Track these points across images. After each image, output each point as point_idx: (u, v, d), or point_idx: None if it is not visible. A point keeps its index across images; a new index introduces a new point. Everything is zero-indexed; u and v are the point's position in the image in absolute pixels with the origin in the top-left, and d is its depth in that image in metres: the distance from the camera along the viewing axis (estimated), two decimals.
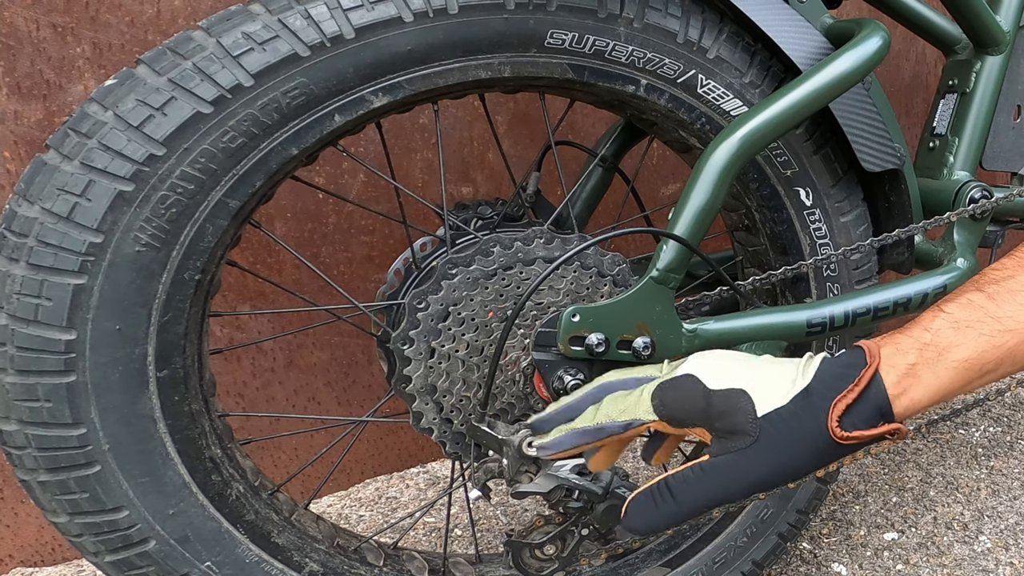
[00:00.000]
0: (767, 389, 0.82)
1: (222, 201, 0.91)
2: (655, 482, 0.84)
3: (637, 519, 0.85)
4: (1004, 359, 0.79)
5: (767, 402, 0.81)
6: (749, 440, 0.80)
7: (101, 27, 1.33)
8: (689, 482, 0.82)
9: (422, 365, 1.00)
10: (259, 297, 1.57)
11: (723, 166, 0.96)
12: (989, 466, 1.74)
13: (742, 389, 0.82)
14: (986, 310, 0.79)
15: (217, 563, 0.99)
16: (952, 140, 1.28)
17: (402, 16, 0.92)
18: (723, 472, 0.81)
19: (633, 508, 0.85)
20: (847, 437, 0.78)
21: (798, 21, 1.07)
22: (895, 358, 0.79)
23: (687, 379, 0.85)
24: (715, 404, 0.82)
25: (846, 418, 0.78)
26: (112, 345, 0.89)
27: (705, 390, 0.83)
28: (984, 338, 0.78)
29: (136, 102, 0.87)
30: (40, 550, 1.56)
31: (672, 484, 0.83)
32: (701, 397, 0.83)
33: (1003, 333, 0.78)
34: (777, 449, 0.80)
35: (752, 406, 0.81)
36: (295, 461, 1.71)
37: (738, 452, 0.80)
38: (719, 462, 0.82)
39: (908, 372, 0.78)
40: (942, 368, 0.78)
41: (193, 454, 0.97)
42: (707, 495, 0.82)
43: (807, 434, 0.79)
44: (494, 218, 1.21)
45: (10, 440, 0.90)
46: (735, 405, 0.81)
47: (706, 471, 0.82)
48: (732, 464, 0.81)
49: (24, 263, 0.85)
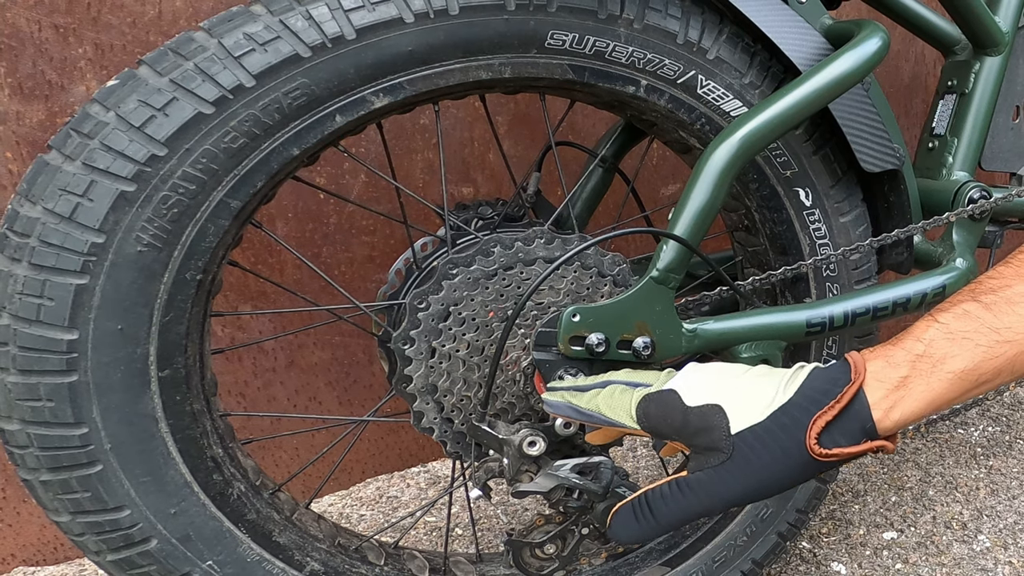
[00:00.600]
0: (744, 405, 0.81)
1: (223, 201, 0.91)
2: (637, 495, 0.86)
3: (620, 531, 0.87)
4: (1002, 369, 0.78)
5: (743, 419, 0.80)
6: (723, 457, 0.80)
7: (103, 28, 1.33)
8: (666, 498, 0.84)
9: (423, 365, 1.00)
10: (260, 297, 1.57)
11: (723, 166, 0.97)
12: (988, 465, 1.74)
13: (718, 405, 0.82)
14: (983, 321, 0.78)
15: (219, 562, 1.00)
16: (951, 140, 1.28)
17: (403, 17, 0.92)
18: (698, 489, 0.82)
19: (616, 520, 0.87)
20: (826, 454, 0.77)
21: (798, 22, 1.07)
22: (885, 371, 0.78)
23: (669, 394, 0.85)
24: (691, 421, 0.82)
25: (826, 434, 0.77)
26: (114, 345, 0.89)
27: (683, 407, 0.83)
28: (980, 349, 0.77)
29: (138, 103, 0.87)
30: (42, 549, 1.56)
31: (651, 499, 0.84)
32: (679, 413, 0.83)
33: (1001, 344, 0.77)
34: (751, 466, 0.79)
35: (726, 423, 0.81)
36: (296, 460, 1.71)
37: (712, 469, 0.81)
38: (694, 479, 0.82)
39: (899, 385, 0.77)
40: (935, 379, 0.77)
41: (195, 453, 0.98)
42: (683, 510, 0.83)
43: (783, 451, 0.78)
44: (495, 218, 1.21)
45: (12, 439, 0.90)
46: (709, 423, 0.81)
47: (682, 487, 0.83)
48: (707, 481, 0.81)
49: (26, 263, 0.86)
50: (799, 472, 0.79)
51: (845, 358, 0.81)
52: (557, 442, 0.99)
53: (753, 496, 0.81)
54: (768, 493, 0.81)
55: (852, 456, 0.78)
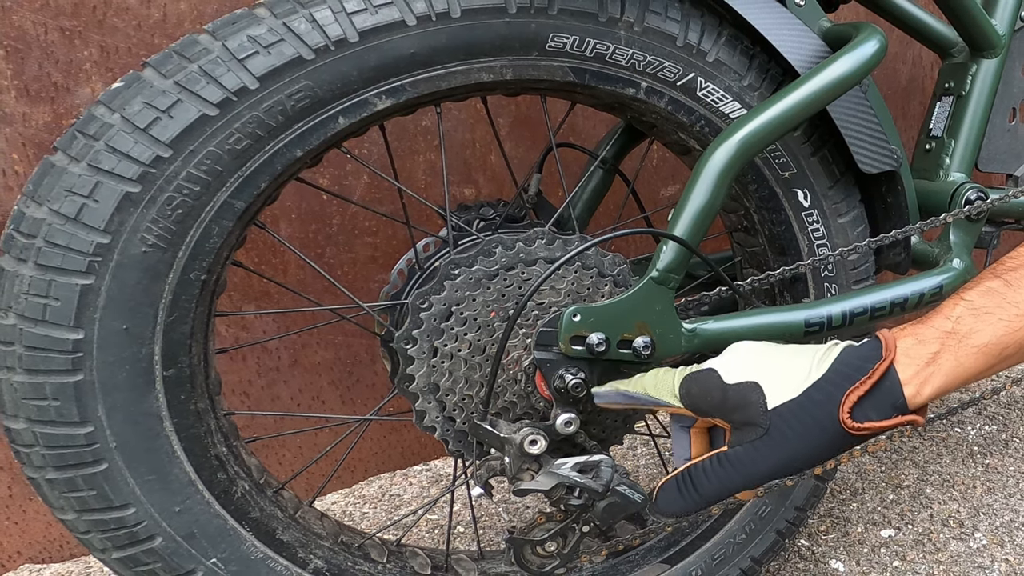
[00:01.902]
0: (781, 381, 0.85)
1: (228, 202, 0.91)
2: (681, 470, 0.89)
3: (666, 504, 0.90)
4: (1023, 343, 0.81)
5: (780, 394, 0.84)
6: (760, 432, 0.83)
7: (108, 31, 1.33)
8: (707, 472, 0.87)
9: (425, 364, 1.00)
10: (264, 297, 1.57)
11: (722, 168, 0.97)
12: (985, 464, 1.74)
13: (754, 383, 0.85)
14: (1004, 296, 0.81)
15: (223, 559, 1.00)
16: (948, 142, 1.28)
17: (405, 20, 0.92)
18: (738, 463, 0.85)
19: (662, 494, 0.91)
20: (859, 428, 0.80)
21: (796, 25, 1.07)
22: (916, 349, 0.81)
23: (709, 373, 0.88)
24: (730, 398, 0.86)
25: (858, 409, 0.81)
26: (119, 344, 0.90)
27: (722, 384, 0.87)
28: (1003, 323, 0.80)
29: (143, 104, 0.87)
30: (48, 547, 1.57)
31: (694, 473, 0.88)
32: (719, 391, 0.86)
33: (1021, 317, 0.80)
34: (787, 440, 0.83)
35: (763, 399, 0.84)
36: (300, 459, 1.71)
37: (751, 443, 0.84)
38: (734, 453, 0.85)
39: (929, 361, 0.81)
40: (963, 354, 0.80)
41: (199, 452, 0.98)
42: (725, 484, 0.86)
43: (817, 424, 0.82)
44: (496, 219, 1.21)
45: (18, 438, 0.90)
46: (747, 399, 0.85)
47: (722, 462, 0.86)
48: (746, 455, 0.85)
49: (32, 263, 0.86)
50: (833, 445, 0.83)
51: (877, 335, 0.84)
52: (558, 441, 1.00)
53: (789, 469, 0.84)
54: (803, 466, 0.85)
55: (883, 430, 0.81)
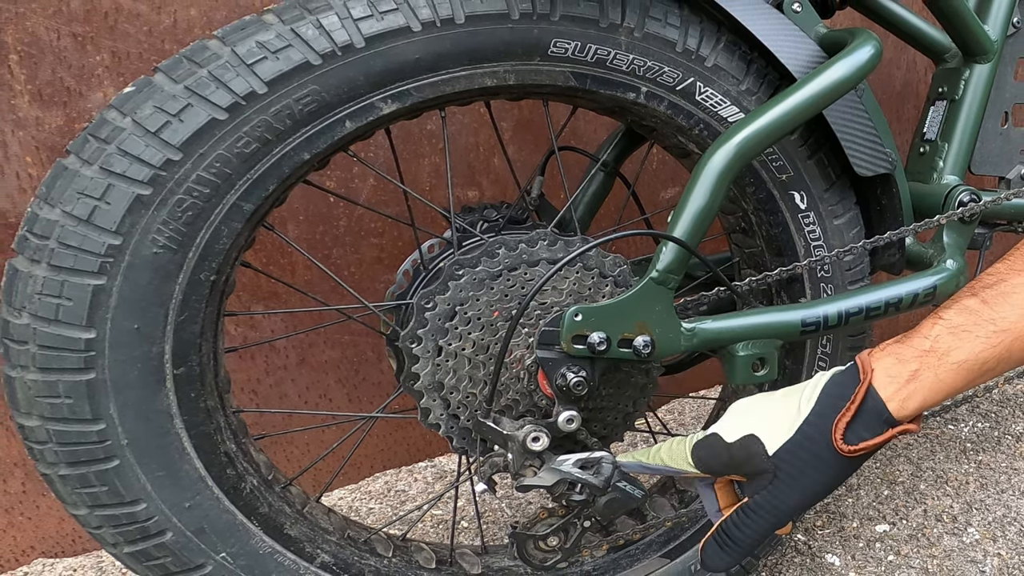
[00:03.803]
0: (775, 426, 0.90)
1: (236, 204, 0.92)
2: (715, 529, 0.95)
3: (713, 563, 0.96)
4: (1002, 357, 0.84)
5: (776, 438, 0.89)
6: (770, 476, 0.89)
7: (120, 36, 1.34)
8: (738, 525, 0.93)
9: (430, 363, 1.01)
10: (272, 297, 1.58)
11: (721, 170, 0.98)
12: (977, 460, 1.75)
13: (752, 435, 0.91)
14: (981, 314, 0.85)
15: (232, 554, 1.01)
16: (942, 145, 1.29)
17: (411, 26, 0.93)
18: (760, 509, 0.91)
19: (706, 555, 0.96)
20: (855, 449, 0.85)
21: (793, 30, 1.07)
22: (896, 368, 0.86)
23: (712, 437, 0.94)
24: (735, 455, 0.91)
25: (850, 432, 0.86)
26: (130, 343, 0.91)
27: (725, 444, 0.92)
28: (980, 340, 0.84)
29: (154, 108, 0.88)
30: (61, 541, 1.58)
31: (727, 529, 0.94)
32: (724, 451, 0.92)
33: (998, 334, 0.84)
34: (796, 477, 0.88)
35: (762, 447, 0.90)
36: (307, 456, 1.72)
37: (767, 489, 0.90)
38: (755, 502, 0.91)
39: (911, 378, 0.85)
40: (943, 371, 0.84)
41: (209, 449, 0.99)
42: (757, 530, 0.92)
43: (817, 456, 0.87)
44: (499, 221, 1.22)
45: (32, 435, 0.91)
46: (750, 451, 0.90)
47: (748, 512, 0.92)
48: (765, 501, 0.90)
49: (45, 264, 0.87)
50: (838, 470, 0.88)
51: (854, 360, 0.89)
52: (560, 438, 1.01)
53: (810, 500, 0.90)
54: (821, 495, 0.90)
55: (879, 445, 0.86)
